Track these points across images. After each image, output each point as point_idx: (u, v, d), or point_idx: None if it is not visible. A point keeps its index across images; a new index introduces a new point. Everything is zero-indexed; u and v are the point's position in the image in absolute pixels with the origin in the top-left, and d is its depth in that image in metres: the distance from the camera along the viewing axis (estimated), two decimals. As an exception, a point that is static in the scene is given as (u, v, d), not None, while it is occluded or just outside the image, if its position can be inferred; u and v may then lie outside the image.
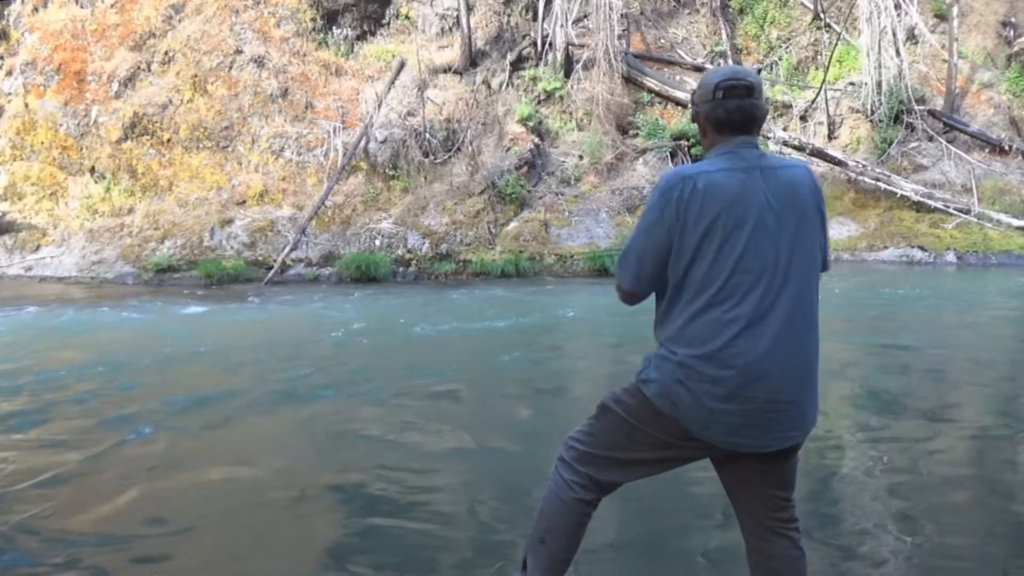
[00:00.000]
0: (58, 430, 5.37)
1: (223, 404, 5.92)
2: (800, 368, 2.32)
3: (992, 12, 21.65)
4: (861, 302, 11.85)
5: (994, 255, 16.75)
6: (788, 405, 2.29)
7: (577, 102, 18.80)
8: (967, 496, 4.13)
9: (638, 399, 2.38)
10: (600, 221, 16.82)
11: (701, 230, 2.26)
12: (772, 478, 2.43)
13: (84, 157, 16.62)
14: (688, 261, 2.28)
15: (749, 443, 2.30)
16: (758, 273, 2.26)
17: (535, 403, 6.39)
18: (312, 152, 16.93)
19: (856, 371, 7.40)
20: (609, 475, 2.50)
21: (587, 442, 2.51)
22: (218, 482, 4.34)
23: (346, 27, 19.13)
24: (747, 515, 2.49)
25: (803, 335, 2.33)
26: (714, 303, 2.25)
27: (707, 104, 2.43)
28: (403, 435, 5.32)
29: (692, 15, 22.24)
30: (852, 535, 3.57)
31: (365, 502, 4.05)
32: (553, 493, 2.54)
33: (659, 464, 2.49)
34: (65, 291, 13.35)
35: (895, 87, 19.19)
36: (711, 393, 2.24)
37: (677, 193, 2.29)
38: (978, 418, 5.76)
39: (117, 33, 17.53)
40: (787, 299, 2.29)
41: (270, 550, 3.45)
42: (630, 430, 2.41)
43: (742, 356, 2.23)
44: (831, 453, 4.76)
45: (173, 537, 3.61)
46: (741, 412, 2.25)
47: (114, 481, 4.35)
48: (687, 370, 2.26)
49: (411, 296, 12.67)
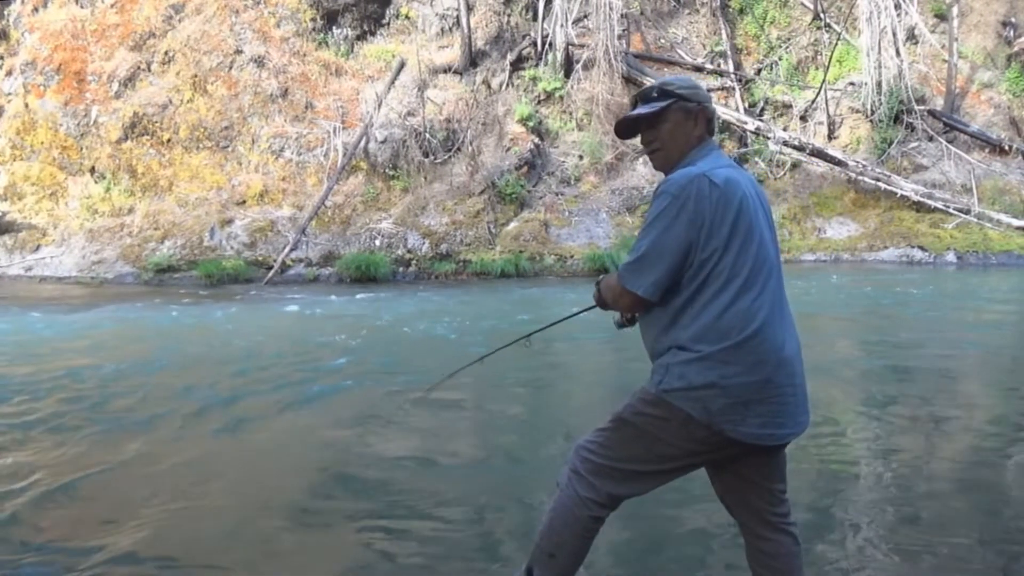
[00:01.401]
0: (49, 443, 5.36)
1: (221, 409, 5.87)
2: (799, 353, 2.41)
3: (992, 12, 21.67)
4: (870, 301, 11.88)
5: (994, 255, 16.77)
6: (800, 388, 2.35)
7: (577, 102, 18.83)
8: (967, 496, 4.10)
9: (662, 409, 2.34)
10: (600, 221, 16.83)
11: (729, 222, 2.29)
12: (771, 471, 2.45)
13: (84, 157, 16.64)
14: (717, 255, 2.28)
15: (779, 432, 2.31)
16: (766, 263, 2.35)
17: (535, 402, 6.40)
18: (312, 152, 16.95)
19: (858, 369, 7.41)
20: (627, 488, 2.46)
21: (603, 454, 2.46)
22: (216, 491, 4.32)
23: (346, 27, 19.16)
24: (750, 515, 2.48)
25: (792, 321, 2.43)
26: (742, 292, 2.28)
27: (712, 107, 2.55)
28: (400, 437, 5.32)
29: (692, 15, 22.26)
30: (851, 536, 3.57)
31: (362, 507, 4.03)
32: (566, 508, 2.47)
33: (675, 473, 2.46)
34: (65, 291, 13.36)
35: (895, 87, 19.22)
36: (746, 385, 2.24)
37: (695, 191, 2.29)
38: (981, 417, 5.76)
39: (117, 33, 17.55)
40: (780, 289, 2.40)
41: (265, 557, 3.45)
42: (651, 442, 2.38)
43: (770, 341, 2.28)
44: (832, 453, 4.76)
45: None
46: (774, 399, 2.27)
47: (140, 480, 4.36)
48: (721, 365, 2.25)
49: (411, 296, 12.66)
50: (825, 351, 7.95)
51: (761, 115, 20.66)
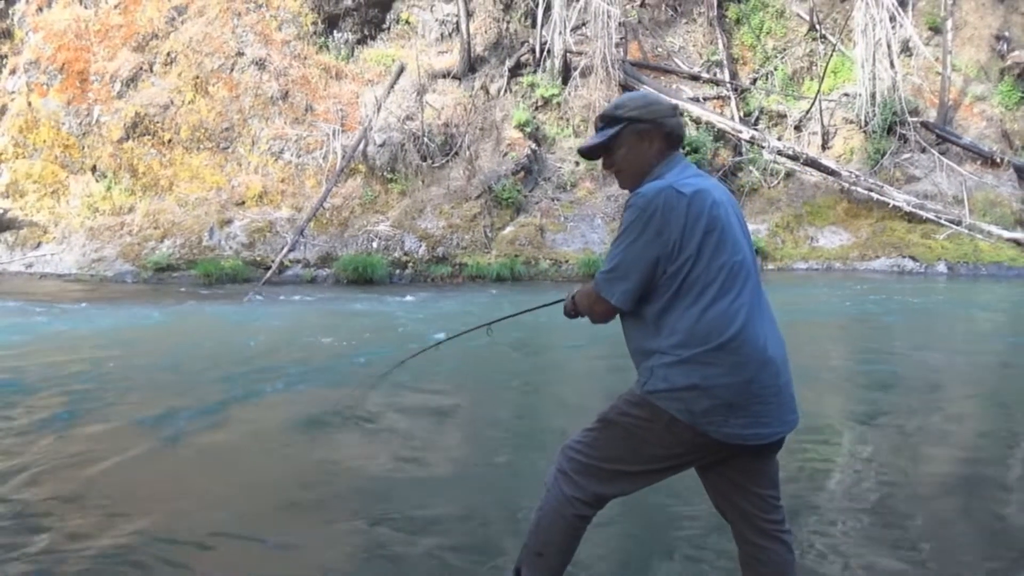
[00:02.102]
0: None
1: (214, 414, 5.94)
2: (783, 352, 2.43)
3: (986, 26, 21.88)
4: (859, 309, 12.05)
5: (984, 266, 16.98)
6: (785, 388, 2.37)
7: (574, 109, 19.00)
8: (961, 502, 4.19)
9: (646, 411, 2.37)
10: (595, 227, 17.02)
11: (700, 230, 2.32)
12: (761, 477, 2.46)
13: (86, 156, 16.79)
14: (691, 262, 2.31)
15: (764, 431, 2.31)
16: (742, 268, 2.38)
17: (529, 405, 6.52)
18: (311, 154, 17.11)
19: (850, 376, 7.56)
20: (612, 488, 2.48)
21: (589, 454, 2.48)
22: (216, 490, 4.45)
23: (347, 31, 19.34)
24: (742, 520, 2.49)
25: (774, 322, 2.47)
26: (719, 297, 2.31)
27: (672, 120, 2.56)
28: (397, 442, 5.44)
29: (689, 24, 22.47)
30: (847, 541, 3.62)
31: (358, 507, 4.13)
32: (553, 508, 2.51)
33: (661, 474, 2.47)
34: (64, 288, 13.48)
35: (889, 99, 19.44)
36: (728, 386, 2.26)
37: (663, 202, 2.33)
38: (974, 422, 5.89)
39: (120, 34, 17.71)
40: (759, 291, 2.43)
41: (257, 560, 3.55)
42: (638, 443, 2.40)
43: (751, 343, 2.30)
44: (823, 459, 4.85)
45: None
46: (758, 400, 2.28)
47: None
48: (703, 367, 2.27)
49: (407, 298, 12.80)
50: (814, 358, 8.07)
51: (756, 124, 20.87)
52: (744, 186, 19.62)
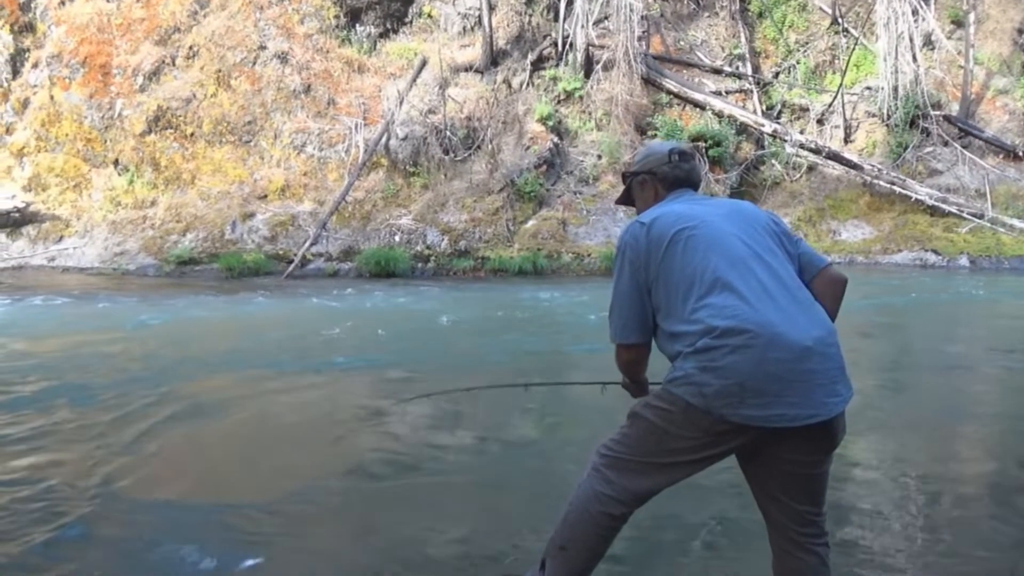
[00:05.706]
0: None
1: (241, 399, 5.96)
2: (818, 334, 2.34)
3: (1008, 19, 21.75)
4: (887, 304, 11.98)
5: (1007, 260, 16.89)
6: (820, 372, 2.29)
7: (596, 102, 18.94)
8: (978, 497, 4.14)
9: (666, 400, 2.41)
10: (617, 220, 16.94)
11: (663, 246, 2.47)
12: (799, 490, 2.42)
13: (108, 150, 16.81)
14: (663, 275, 2.46)
15: (792, 413, 2.25)
16: (740, 259, 2.42)
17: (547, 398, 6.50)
18: (333, 148, 17.11)
19: (873, 370, 7.52)
20: (642, 482, 2.48)
21: (618, 449, 2.52)
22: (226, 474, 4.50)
23: (369, 25, 19.31)
24: (774, 527, 2.48)
25: (805, 307, 2.40)
26: (710, 292, 2.37)
27: (666, 166, 2.81)
28: (415, 431, 5.39)
29: (711, 18, 22.39)
30: (859, 534, 3.57)
31: (371, 495, 4.12)
32: (581, 502, 2.53)
33: (690, 466, 2.45)
34: (87, 281, 13.49)
35: (911, 92, 19.33)
36: (735, 366, 2.25)
37: (629, 237, 2.57)
38: (994, 416, 5.84)
39: (142, 27, 17.72)
40: (773, 276, 2.41)
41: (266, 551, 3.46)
42: (662, 434, 2.42)
43: (762, 325, 2.27)
44: (840, 454, 4.75)
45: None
46: (777, 379, 2.24)
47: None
48: (711, 352, 2.29)
49: (430, 292, 12.78)
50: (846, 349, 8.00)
51: (778, 118, 20.79)
52: (766, 180, 19.56)
